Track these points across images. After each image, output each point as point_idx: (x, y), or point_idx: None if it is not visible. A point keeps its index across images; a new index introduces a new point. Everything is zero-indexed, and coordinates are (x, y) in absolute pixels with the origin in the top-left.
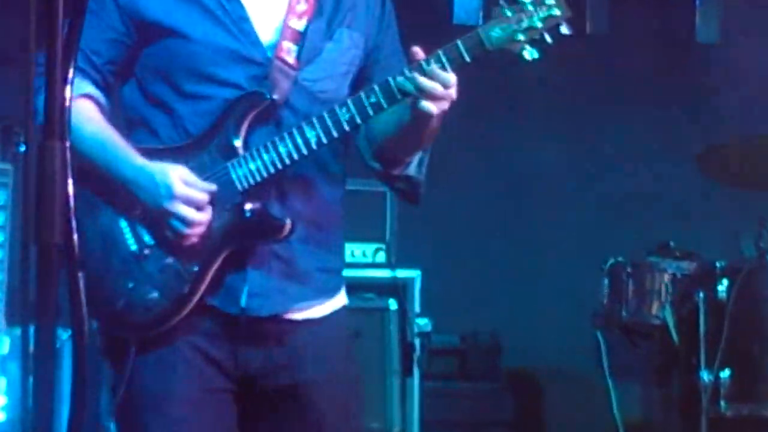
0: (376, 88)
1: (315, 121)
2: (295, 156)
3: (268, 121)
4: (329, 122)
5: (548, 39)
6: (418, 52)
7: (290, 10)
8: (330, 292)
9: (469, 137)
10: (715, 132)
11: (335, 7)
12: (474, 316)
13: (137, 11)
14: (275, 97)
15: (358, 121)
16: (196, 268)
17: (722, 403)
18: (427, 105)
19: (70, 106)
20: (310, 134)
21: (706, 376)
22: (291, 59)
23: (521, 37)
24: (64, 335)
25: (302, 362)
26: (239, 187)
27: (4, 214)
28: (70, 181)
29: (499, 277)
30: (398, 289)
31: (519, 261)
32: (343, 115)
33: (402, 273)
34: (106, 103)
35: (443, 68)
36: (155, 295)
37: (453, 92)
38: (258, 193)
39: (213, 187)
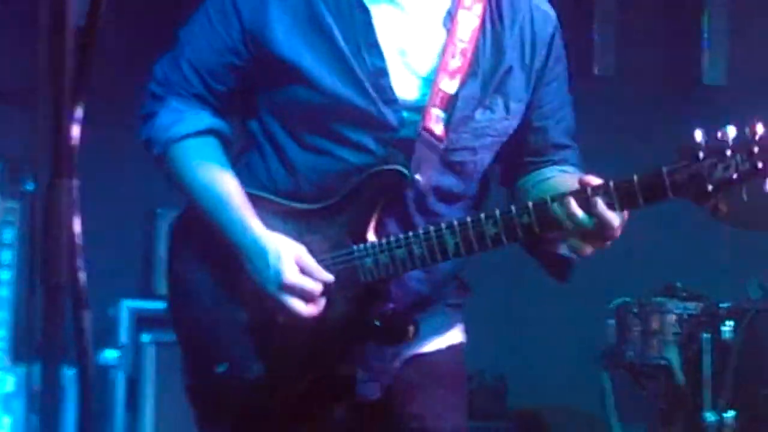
0: (531, 207)
1: (457, 227)
2: (429, 262)
3: (402, 199)
4: (472, 233)
5: (744, 196)
6: (588, 182)
7: (443, 66)
8: (438, 332)
9: None
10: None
11: (494, 65)
12: (480, 356)
13: (263, 38)
14: (418, 177)
15: (504, 240)
16: (302, 357)
17: None
18: (577, 244)
19: (77, 144)
20: (450, 241)
21: (710, 417)
22: (439, 130)
23: (710, 188)
24: (69, 373)
25: (415, 398)
26: (362, 278)
27: (11, 252)
28: (77, 220)
29: (505, 317)
30: None
31: (525, 300)
32: (489, 230)
33: None
34: (231, 136)
35: (611, 206)
36: (257, 369)
37: (616, 234)
38: (384, 289)
39: (330, 277)
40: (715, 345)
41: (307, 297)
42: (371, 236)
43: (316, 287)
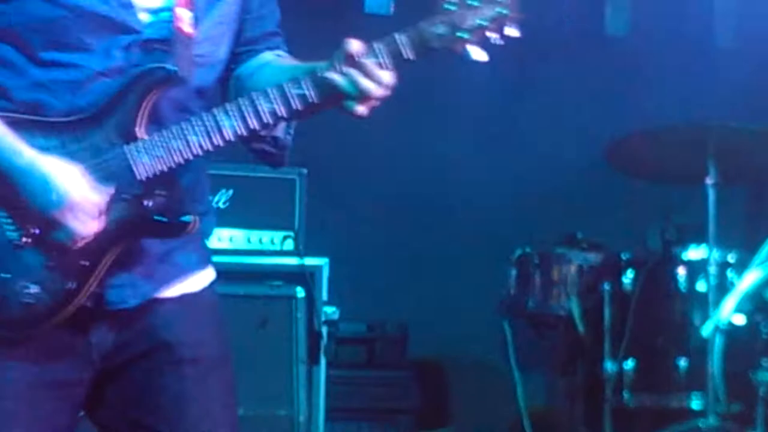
0: (307, 78)
1: (233, 108)
2: (208, 147)
3: (171, 98)
4: (249, 111)
5: (496, 40)
6: (352, 44)
7: None
8: (197, 267)
9: (380, 123)
10: (623, 124)
11: None
12: (381, 305)
13: None
14: (180, 72)
15: (284, 115)
16: (85, 263)
17: (625, 393)
18: (357, 107)
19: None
20: (226, 123)
21: (610, 366)
22: (189, 28)
23: (466, 36)
24: None
25: (168, 325)
26: (138, 176)
27: None
28: None
29: (407, 266)
30: (306, 277)
31: (427, 250)
32: (264, 105)
33: (310, 261)
34: None
35: (380, 65)
36: (35, 290)
37: (387, 91)
38: (158, 183)
39: (111, 191)
40: (616, 295)
41: (86, 218)
42: (142, 134)
43: (98, 207)
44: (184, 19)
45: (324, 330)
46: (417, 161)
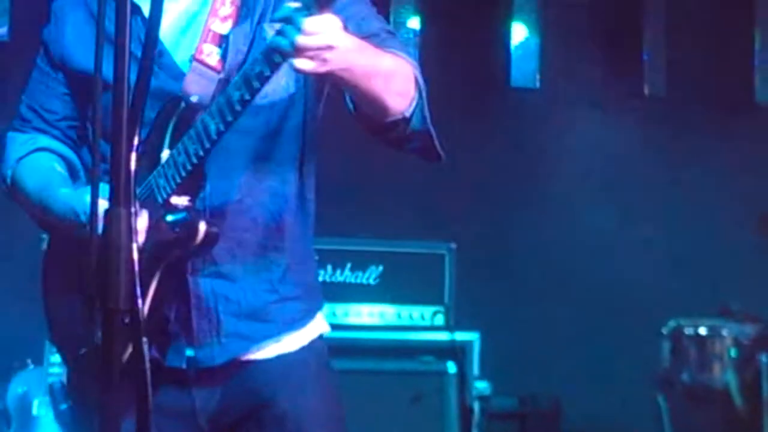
0: (259, 56)
1: (213, 108)
2: (201, 152)
3: (195, 127)
4: (224, 107)
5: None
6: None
7: (211, 13)
8: (301, 320)
9: (529, 199)
10: None
11: (263, 11)
12: (533, 379)
13: (70, 66)
14: (193, 99)
15: (248, 97)
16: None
17: None
18: (301, 63)
19: (135, 173)
20: (211, 125)
21: None
22: (213, 61)
23: None
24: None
25: (267, 391)
26: (160, 198)
27: None
28: (135, 247)
29: (558, 340)
30: (457, 351)
31: (579, 323)
32: (235, 95)
33: (461, 335)
34: (73, 156)
35: (308, 11)
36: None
37: (325, 39)
38: (177, 198)
39: (144, 223)
40: None
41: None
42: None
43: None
44: (211, 52)
45: (476, 405)
46: (567, 234)
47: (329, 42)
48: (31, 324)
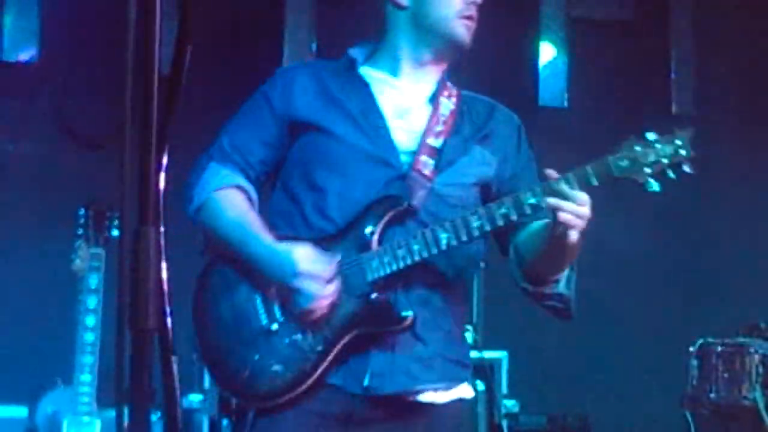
0: (506, 200)
1: (447, 224)
2: (425, 254)
3: (402, 223)
4: (460, 226)
5: (671, 175)
6: (551, 173)
7: (428, 130)
8: (454, 381)
9: None
10: None
11: (473, 130)
12: (562, 397)
13: (290, 114)
14: (413, 203)
15: (487, 228)
16: (320, 347)
17: None
18: (562, 224)
19: (164, 191)
20: (442, 236)
21: None
22: (428, 171)
23: (647, 170)
24: (154, 417)
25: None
26: (369, 277)
27: (97, 298)
28: (164, 266)
29: (586, 358)
30: (485, 370)
31: (606, 340)
32: (473, 222)
33: (489, 354)
34: (257, 197)
35: (571, 187)
36: (278, 368)
37: (584, 210)
38: (386, 285)
39: (337, 258)
40: None
41: (320, 280)
42: (375, 246)
43: (327, 271)
44: (427, 163)
45: (504, 423)
46: (593, 253)
47: (584, 214)
48: (60, 343)
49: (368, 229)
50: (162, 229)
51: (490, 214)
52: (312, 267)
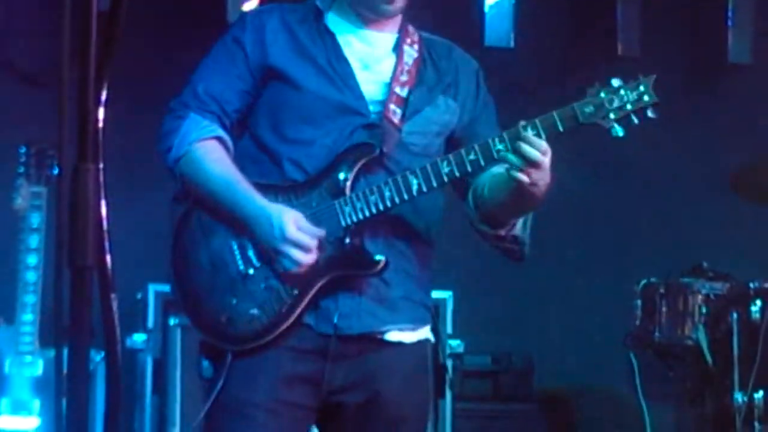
0: (476, 147)
1: (418, 170)
2: (397, 200)
3: (372, 170)
4: (431, 173)
5: (635, 120)
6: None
7: (395, 79)
8: (417, 321)
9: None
10: (748, 152)
11: (436, 80)
12: (506, 337)
13: (263, 58)
14: (384, 150)
15: (457, 174)
16: (296, 292)
17: (756, 424)
18: (520, 174)
19: (103, 128)
20: (413, 181)
21: (739, 397)
22: (396, 120)
23: (612, 116)
24: (97, 357)
25: (384, 377)
26: (343, 223)
27: (38, 237)
28: (103, 203)
29: (531, 298)
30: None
31: (551, 281)
32: (444, 168)
33: (434, 294)
34: (233, 147)
35: (538, 135)
36: (256, 311)
37: (545, 159)
38: (359, 230)
39: (322, 232)
40: (744, 325)
41: (304, 248)
42: (347, 192)
43: (312, 242)
44: (395, 111)
45: (449, 363)
46: None
47: (544, 163)
48: (2, 282)
49: (341, 176)
50: (101, 165)
51: (460, 161)
52: (300, 235)
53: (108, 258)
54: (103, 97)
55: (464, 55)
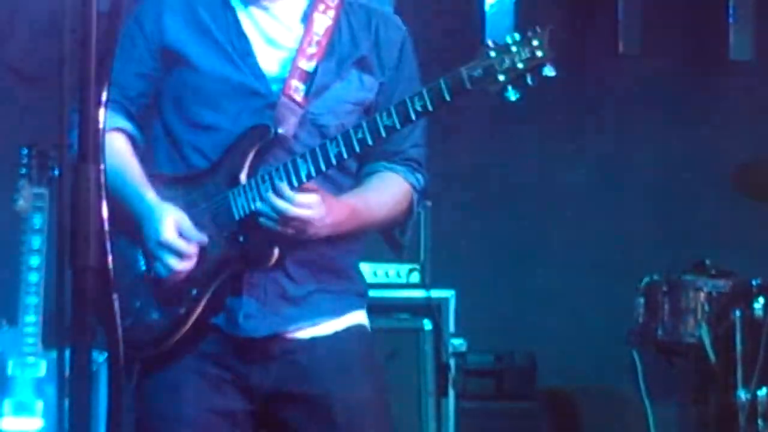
0: (364, 124)
1: (307, 155)
2: (287, 188)
3: (277, 155)
4: (318, 155)
5: (529, 81)
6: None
7: (300, 52)
8: (339, 312)
9: (505, 157)
10: (750, 149)
11: (350, 49)
12: (509, 336)
13: (161, 39)
14: (280, 131)
15: (345, 156)
16: (194, 292)
17: (760, 421)
18: (280, 227)
19: (104, 129)
20: (302, 167)
21: (743, 394)
22: (299, 97)
23: (501, 77)
24: (100, 358)
25: (315, 375)
26: (236, 215)
27: (40, 238)
28: (104, 204)
29: (534, 296)
30: (433, 309)
31: (554, 280)
32: (332, 150)
33: (436, 293)
34: (140, 136)
35: (424, 107)
36: (156, 315)
37: (302, 212)
38: (254, 222)
39: (204, 239)
40: (747, 322)
41: (181, 255)
42: (243, 181)
43: (189, 249)
44: (298, 88)
45: (452, 362)
46: (544, 191)
47: (309, 219)
48: (5, 283)
49: (236, 163)
50: (102, 166)
51: (348, 141)
52: (175, 240)
53: (109, 258)
54: (104, 97)
55: (389, 22)
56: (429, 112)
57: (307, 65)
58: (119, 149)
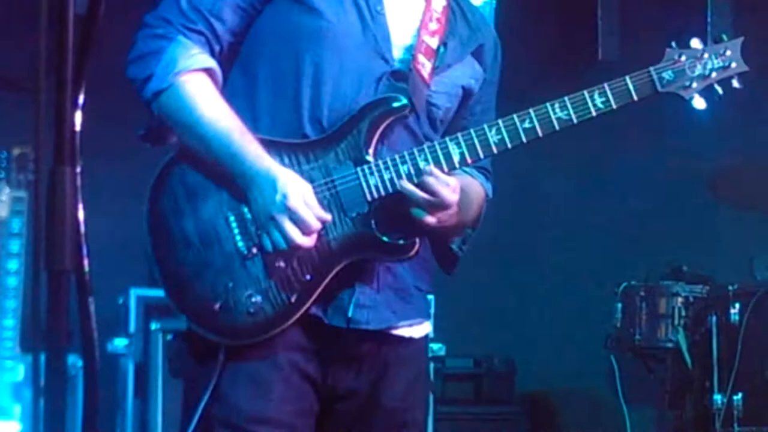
0: (532, 113)
1: (461, 137)
2: (438, 172)
3: (395, 133)
4: (476, 141)
5: (719, 91)
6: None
7: (423, 25)
8: (425, 313)
9: None
10: (728, 156)
11: (469, 35)
12: (488, 340)
13: None
14: (416, 109)
15: (509, 145)
16: (308, 277)
17: (735, 426)
18: (427, 216)
19: (79, 131)
20: (455, 151)
21: (719, 399)
22: (425, 73)
23: (694, 84)
24: (78, 363)
25: (388, 383)
26: (368, 196)
27: (19, 242)
28: (80, 207)
29: (512, 301)
30: None
31: (532, 285)
32: (493, 137)
33: None
34: (222, 80)
35: (606, 102)
36: (257, 299)
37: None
38: (385, 205)
39: (328, 217)
40: (723, 328)
41: (303, 228)
42: (371, 158)
43: (315, 223)
44: (425, 64)
45: (431, 366)
46: (520, 197)
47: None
48: None
49: (363, 137)
50: (78, 168)
51: (514, 130)
52: (304, 210)
53: (85, 261)
54: (81, 100)
55: (485, 21)
56: (611, 111)
57: (431, 41)
58: (215, 95)
